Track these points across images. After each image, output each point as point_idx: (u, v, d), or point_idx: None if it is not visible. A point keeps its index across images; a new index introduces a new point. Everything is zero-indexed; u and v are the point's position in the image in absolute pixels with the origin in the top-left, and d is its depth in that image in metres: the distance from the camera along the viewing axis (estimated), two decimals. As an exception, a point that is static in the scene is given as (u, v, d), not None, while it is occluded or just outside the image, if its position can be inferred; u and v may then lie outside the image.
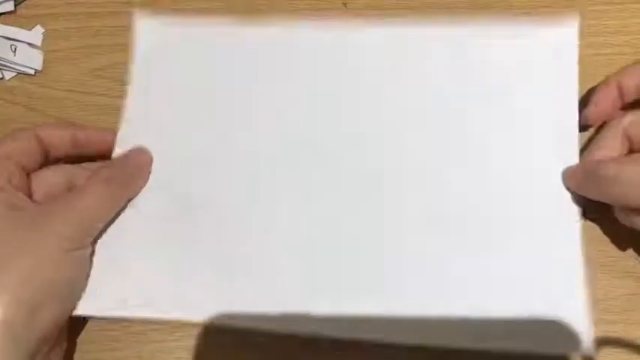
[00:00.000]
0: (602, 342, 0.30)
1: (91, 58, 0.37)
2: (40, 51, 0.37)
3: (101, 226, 0.30)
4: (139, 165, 0.32)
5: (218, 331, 0.31)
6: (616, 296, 0.31)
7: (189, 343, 0.31)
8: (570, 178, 0.30)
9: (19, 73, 0.37)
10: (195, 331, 0.31)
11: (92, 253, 0.30)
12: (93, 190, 0.29)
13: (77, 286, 0.29)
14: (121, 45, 0.37)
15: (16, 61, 0.36)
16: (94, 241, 0.30)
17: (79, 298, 0.29)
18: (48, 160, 0.31)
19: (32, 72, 0.37)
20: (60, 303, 0.28)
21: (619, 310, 0.30)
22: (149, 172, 0.32)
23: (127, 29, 0.38)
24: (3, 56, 0.36)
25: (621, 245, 0.32)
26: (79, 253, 0.29)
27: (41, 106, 0.36)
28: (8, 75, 0.37)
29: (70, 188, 0.31)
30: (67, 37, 0.38)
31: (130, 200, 0.31)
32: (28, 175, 0.30)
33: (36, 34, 0.38)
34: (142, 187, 0.32)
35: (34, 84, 0.37)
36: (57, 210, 0.28)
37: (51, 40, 0.38)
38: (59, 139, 0.31)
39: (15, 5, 0.38)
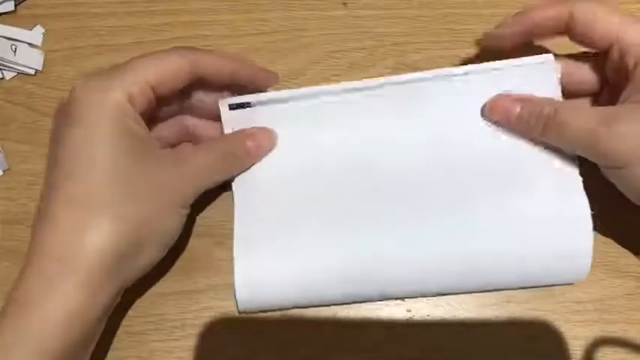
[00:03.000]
0: (602, 342, 0.30)
1: (91, 58, 0.37)
2: (40, 51, 0.37)
3: (201, 192, 0.30)
4: (260, 147, 0.31)
5: (218, 331, 0.31)
6: (616, 296, 0.31)
7: (189, 343, 0.31)
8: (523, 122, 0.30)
9: (19, 73, 0.37)
10: (195, 331, 0.31)
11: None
12: (209, 160, 0.29)
13: (169, 241, 0.29)
14: (121, 45, 0.37)
15: (16, 61, 0.36)
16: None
17: (163, 253, 0.29)
18: (195, 85, 0.30)
19: (32, 72, 0.37)
20: (154, 252, 0.28)
21: (619, 310, 0.30)
22: (266, 154, 0.32)
23: (127, 29, 0.38)
24: (3, 56, 0.36)
25: (621, 245, 0.32)
26: (184, 212, 0.29)
27: (41, 106, 0.36)
28: (8, 75, 0.37)
29: (184, 133, 0.32)
30: (67, 37, 0.38)
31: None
32: (159, 98, 0.29)
33: (36, 34, 0.38)
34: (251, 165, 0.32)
35: (34, 84, 0.37)
36: (180, 167, 0.28)
37: (51, 40, 0.38)
38: (217, 70, 0.30)
39: (15, 5, 0.38)
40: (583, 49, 0.31)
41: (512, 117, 0.30)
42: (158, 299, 0.32)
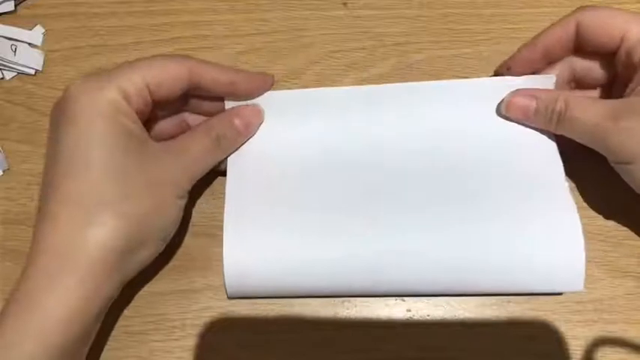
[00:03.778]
0: (602, 342, 0.30)
1: (91, 58, 0.37)
2: (40, 51, 0.37)
3: (198, 179, 0.30)
4: (249, 124, 0.32)
5: (218, 331, 0.31)
6: (616, 296, 0.31)
7: (189, 343, 0.31)
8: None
9: (19, 73, 0.37)
10: (195, 331, 0.31)
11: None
12: (201, 146, 0.29)
13: (169, 234, 0.29)
14: (121, 45, 0.37)
15: (16, 61, 0.36)
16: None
17: (162, 247, 0.29)
18: (193, 92, 0.31)
19: (32, 72, 0.37)
20: (154, 247, 0.28)
21: (619, 310, 0.30)
22: (256, 131, 0.32)
23: (127, 29, 0.38)
24: (3, 56, 0.36)
25: (621, 245, 0.32)
26: (182, 202, 0.29)
27: (41, 106, 0.36)
28: (8, 75, 0.37)
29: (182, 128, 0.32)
30: (67, 37, 0.38)
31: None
32: (156, 102, 0.29)
33: (36, 34, 0.38)
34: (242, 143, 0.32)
35: (34, 84, 0.37)
36: (175, 158, 0.28)
37: (51, 40, 0.38)
38: (214, 81, 0.30)
39: (15, 5, 0.38)
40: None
41: (531, 113, 0.30)
42: (158, 299, 0.32)
